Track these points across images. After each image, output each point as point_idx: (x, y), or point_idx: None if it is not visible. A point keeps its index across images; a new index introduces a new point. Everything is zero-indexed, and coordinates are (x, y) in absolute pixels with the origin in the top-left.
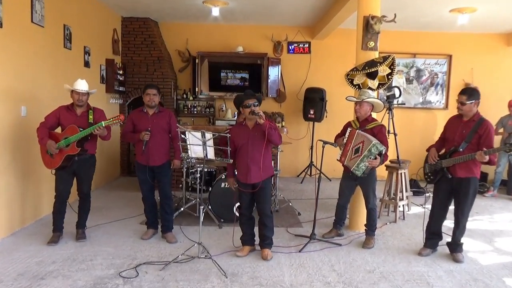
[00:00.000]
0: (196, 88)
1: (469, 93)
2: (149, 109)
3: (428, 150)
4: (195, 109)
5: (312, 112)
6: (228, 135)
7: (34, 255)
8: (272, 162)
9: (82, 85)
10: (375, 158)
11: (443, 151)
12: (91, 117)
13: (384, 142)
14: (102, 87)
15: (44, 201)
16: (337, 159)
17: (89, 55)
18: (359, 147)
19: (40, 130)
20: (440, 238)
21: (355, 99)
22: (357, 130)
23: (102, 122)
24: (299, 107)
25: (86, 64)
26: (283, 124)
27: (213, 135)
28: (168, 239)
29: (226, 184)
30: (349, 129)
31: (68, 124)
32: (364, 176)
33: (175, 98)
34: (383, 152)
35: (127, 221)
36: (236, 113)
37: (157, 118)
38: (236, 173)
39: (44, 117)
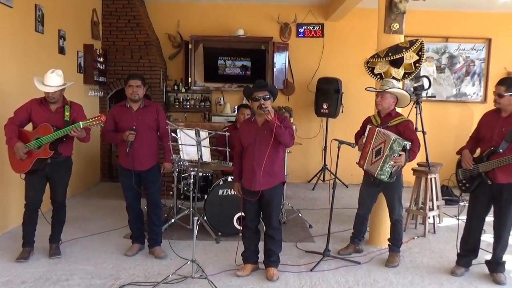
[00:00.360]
0: (189, 79)
1: (509, 83)
2: (133, 104)
3: (459, 153)
4: (188, 103)
5: (325, 107)
6: (227, 133)
7: (0, 273)
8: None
9: (52, 81)
10: (399, 156)
11: (477, 152)
12: (67, 114)
13: (414, 140)
14: (79, 77)
15: (12, 211)
16: (356, 162)
17: (64, 40)
18: (380, 148)
19: (8, 127)
20: (476, 255)
21: (376, 90)
22: (378, 128)
23: (80, 123)
24: (310, 101)
25: (61, 50)
26: (291, 121)
27: (209, 133)
28: (156, 254)
29: (225, 191)
30: (368, 126)
31: (40, 121)
32: (392, 181)
33: (164, 90)
34: (408, 147)
35: (109, 234)
36: (236, 107)
37: (143, 114)
38: (242, 177)
39: (13, 112)
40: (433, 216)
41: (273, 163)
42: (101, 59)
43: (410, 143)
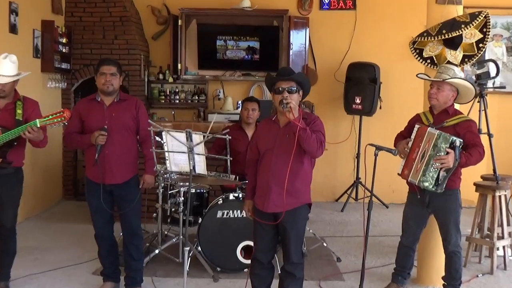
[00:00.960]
0: (179, 65)
1: None
2: (105, 97)
3: None
4: (177, 97)
5: (358, 101)
6: (228, 136)
7: None
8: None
9: (4, 69)
10: (447, 154)
11: None
12: (19, 111)
13: (478, 145)
14: (35, 63)
15: None
16: (398, 173)
17: (16, 15)
18: (426, 150)
19: None
20: None
21: (432, 79)
22: (429, 128)
23: (37, 120)
24: (337, 93)
25: (12, 29)
26: None
27: (204, 136)
28: None
29: (225, 213)
30: (417, 126)
31: None
32: (440, 192)
33: (146, 80)
34: (458, 144)
35: (74, 269)
36: (239, 102)
37: (118, 111)
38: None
39: None
40: (504, 247)
41: (295, 178)
42: (64, 40)
43: (461, 140)
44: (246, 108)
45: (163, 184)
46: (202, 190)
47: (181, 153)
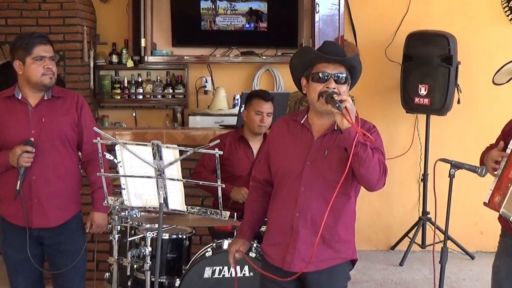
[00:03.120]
0: (142, 41)
1: None
2: (32, 94)
3: None
4: (140, 90)
5: (424, 92)
6: (217, 152)
7: None
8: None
9: None
10: None
11: None
12: None
13: None
14: None
15: None
16: (485, 202)
17: None
18: None
19: None
20: None
21: None
22: None
23: None
24: (390, 80)
25: None
26: None
27: (182, 152)
28: None
29: (216, 271)
30: None
31: None
32: None
33: (91, 64)
34: None
35: None
36: (239, 97)
37: (50, 114)
38: (264, 238)
39: None
40: None
41: (337, 220)
42: None
43: None
44: (258, 112)
45: (119, 227)
46: (180, 236)
47: (146, 178)
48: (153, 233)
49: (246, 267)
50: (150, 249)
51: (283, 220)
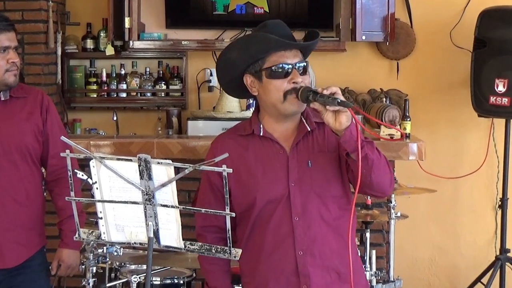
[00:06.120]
0: (126, 21)
1: None
2: None
3: None
4: (123, 86)
5: (502, 88)
6: (226, 169)
7: None
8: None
9: None
10: None
11: None
12: None
13: None
14: None
15: None
16: None
17: None
18: None
19: None
20: None
21: None
22: None
23: None
24: (457, 72)
25: None
26: (406, 129)
27: (178, 169)
28: None
29: None
30: None
31: None
32: None
33: (59, 52)
34: None
35: None
36: (251, 101)
37: (6, 120)
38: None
39: None
40: None
41: (345, 244)
42: None
43: None
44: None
45: (94, 269)
46: (176, 281)
47: (130, 204)
48: (139, 277)
49: None
50: None
51: (281, 266)
